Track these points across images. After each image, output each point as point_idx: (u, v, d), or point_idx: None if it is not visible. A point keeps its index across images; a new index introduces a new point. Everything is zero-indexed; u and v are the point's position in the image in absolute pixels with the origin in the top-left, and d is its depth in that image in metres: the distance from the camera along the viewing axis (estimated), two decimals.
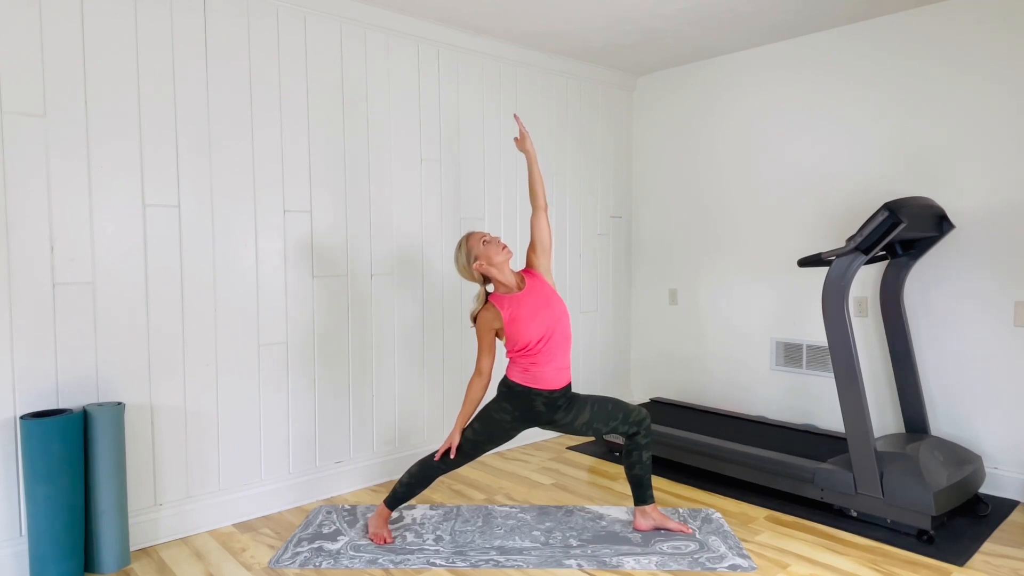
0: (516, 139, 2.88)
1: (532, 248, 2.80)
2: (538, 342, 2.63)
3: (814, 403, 3.87)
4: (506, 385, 2.71)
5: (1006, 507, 3.08)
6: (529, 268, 2.80)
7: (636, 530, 2.83)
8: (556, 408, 2.70)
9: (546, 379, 2.66)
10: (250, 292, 3.01)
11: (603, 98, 4.58)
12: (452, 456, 2.72)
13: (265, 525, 2.96)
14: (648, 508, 2.82)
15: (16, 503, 2.47)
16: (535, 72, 4.14)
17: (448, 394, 3.80)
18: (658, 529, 2.82)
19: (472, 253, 2.67)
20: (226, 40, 2.90)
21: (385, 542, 2.71)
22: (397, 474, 3.54)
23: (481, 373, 2.70)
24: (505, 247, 2.68)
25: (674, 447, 3.54)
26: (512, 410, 2.69)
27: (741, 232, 4.18)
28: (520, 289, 2.69)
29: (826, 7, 3.39)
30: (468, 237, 2.71)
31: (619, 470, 3.65)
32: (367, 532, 2.81)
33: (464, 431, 2.74)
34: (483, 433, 2.72)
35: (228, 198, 2.93)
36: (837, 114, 3.71)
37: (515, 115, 2.96)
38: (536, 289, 2.70)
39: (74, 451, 2.43)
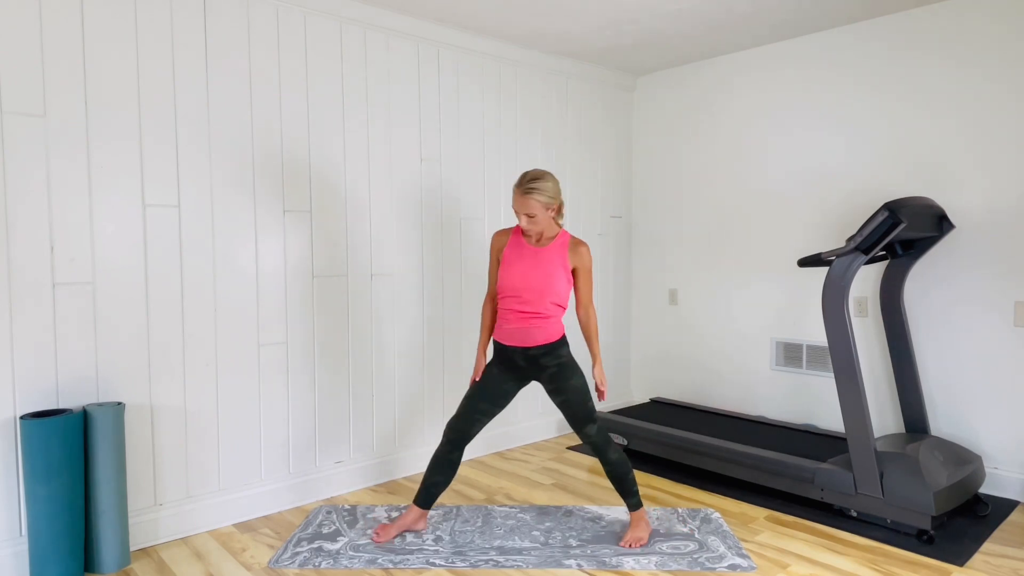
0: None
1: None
2: (509, 297, 2.65)
3: (814, 403, 3.87)
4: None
5: (1006, 507, 3.08)
6: (572, 266, 2.70)
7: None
8: (540, 368, 2.69)
9: (504, 333, 2.69)
10: (250, 292, 3.01)
11: (603, 98, 4.57)
12: (477, 379, 2.76)
13: (265, 525, 2.96)
14: (634, 514, 2.76)
15: (16, 503, 2.47)
16: (535, 72, 4.14)
17: (448, 394, 3.80)
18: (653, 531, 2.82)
19: (557, 199, 2.62)
20: (226, 40, 2.90)
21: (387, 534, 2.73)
22: (397, 474, 3.54)
23: (490, 295, 2.82)
24: (518, 228, 2.72)
25: (674, 447, 3.54)
26: (496, 359, 2.76)
27: (741, 232, 4.18)
28: (536, 244, 2.70)
29: (826, 7, 3.39)
30: (557, 200, 2.63)
31: None
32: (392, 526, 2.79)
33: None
34: (477, 384, 2.76)
35: (228, 198, 2.93)
36: (837, 114, 3.71)
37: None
38: (548, 257, 2.65)
39: (74, 451, 2.43)
